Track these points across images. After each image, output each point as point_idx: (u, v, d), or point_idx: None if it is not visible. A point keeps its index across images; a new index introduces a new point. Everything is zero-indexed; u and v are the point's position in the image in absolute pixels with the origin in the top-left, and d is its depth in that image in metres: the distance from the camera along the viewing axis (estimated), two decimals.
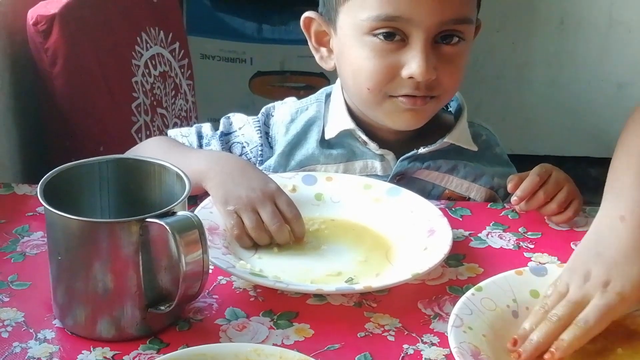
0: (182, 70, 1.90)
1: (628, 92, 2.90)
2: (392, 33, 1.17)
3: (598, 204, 1.15)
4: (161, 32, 1.81)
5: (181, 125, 1.84)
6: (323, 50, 1.28)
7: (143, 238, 0.94)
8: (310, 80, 2.61)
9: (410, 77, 1.17)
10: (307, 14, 1.27)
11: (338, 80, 1.30)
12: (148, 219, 0.93)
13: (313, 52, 1.30)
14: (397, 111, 1.21)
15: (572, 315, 0.95)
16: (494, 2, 2.73)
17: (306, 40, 1.30)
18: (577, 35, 2.87)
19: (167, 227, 0.92)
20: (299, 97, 1.36)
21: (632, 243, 1.00)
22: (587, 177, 2.81)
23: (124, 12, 1.70)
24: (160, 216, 0.94)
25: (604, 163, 2.99)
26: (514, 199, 1.20)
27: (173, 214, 0.95)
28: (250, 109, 2.61)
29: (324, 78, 2.53)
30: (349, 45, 1.22)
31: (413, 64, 1.17)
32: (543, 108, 2.96)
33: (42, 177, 0.99)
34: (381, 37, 1.18)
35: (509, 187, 1.21)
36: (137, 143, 1.59)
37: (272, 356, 0.89)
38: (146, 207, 1.01)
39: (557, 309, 0.96)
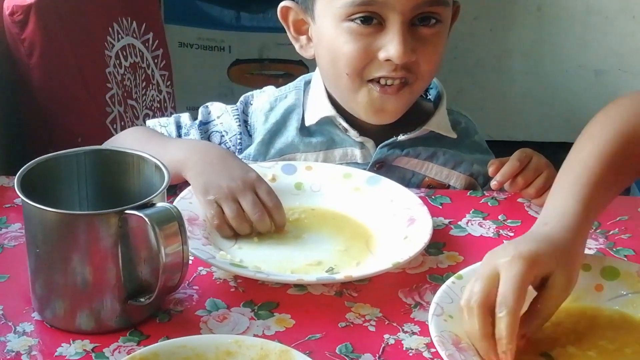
0: (156, 60, 1.88)
1: (605, 79, 2.91)
2: (369, 17, 1.17)
3: None
4: (134, 22, 1.79)
5: (153, 117, 1.83)
6: (302, 38, 1.28)
7: (122, 230, 0.93)
8: (289, 68, 2.61)
9: (388, 60, 1.17)
10: (284, 3, 1.27)
11: (317, 68, 1.29)
12: (127, 211, 0.93)
13: (292, 41, 1.29)
14: (371, 104, 1.21)
15: (487, 292, 0.90)
16: None
17: (285, 28, 1.29)
18: (554, 23, 2.87)
19: (146, 219, 0.92)
20: (278, 85, 1.35)
21: (540, 236, 0.95)
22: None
23: (97, 2, 1.69)
24: (139, 208, 0.93)
25: None
26: (493, 183, 1.21)
27: (152, 205, 0.94)
28: (229, 97, 2.61)
29: (302, 66, 2.52)
30: (327, 33, 1.22)
31: (390, 47, 1.17)
32: (521, 95, 2.97)
33: (20, 168, 0.98)
34: (358, 21, 1.18)
35: (490, 171, 1.22)
36: (112, 134, 1.58)
37: (253, 347, 0.88)
38: (125, 198, 1.00)
39: (468, 294, 0.91)
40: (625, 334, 0.97)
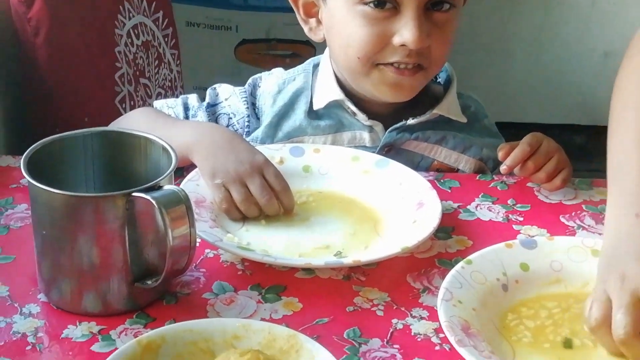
0: (166, 39, 1.87)
1: (614, 60, 2.86)
2: (383, 1, 1.16)
3: (583, 170, 1.13)
4: (144, 1, 1.78)
5: (165, 95, 1.82)
6: (312, 21, 1.26)
7: (129, 212, 0.92)
8: (297, 48, 2.59)
9: (403, 45, 1.16)
10: None
11: (326, 51, 1.28)
12: (134, 194, 0.92)
13: (302, 23, 1.28)
14: (385, 83, 1.20)
15: (636, 321, 0.88)
16: None
17: (292, 8, 1.28)
18: (563, 4, 2.85)
19: (154, 202, 0.91)
20: (285, 66, 1.34)
21: None
22: (572, 145, 2.82)
23: None
24: (147, 190, 0.92)
25: (589, 130, 3.00)
26: (503, 167, 1.20)
27: (159, 188, 0.93)
28: (236, 77, 2.59)
29: (310, 46, 2.51)
30: (339, 16, 1.20)
31: (405, 32, 1.15)
32: (529, 76, 2.95)
33: (26, 148, 0.97)
34: (372, 5, 1.16)
35: (500, 155, 1.21)
36: (121, 114, 1.58)
37: (260, 332, 0.88)
38: (132, 180, 1.00)
39: (619, 325, 0.89)
40: None
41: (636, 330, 0.88)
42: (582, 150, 2.87)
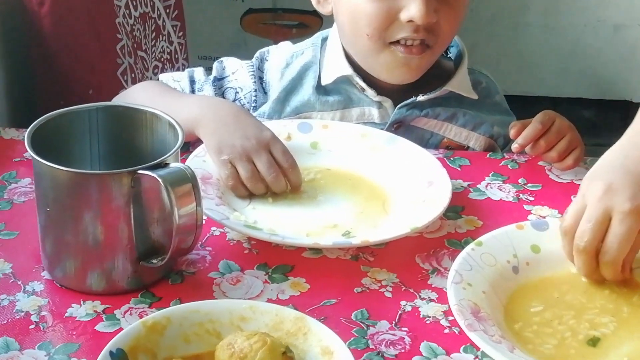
0: (167, 11, 1.84)
1: (624, 34, 2.86)
2: None
3: (592, 145, 1.11)
4: None
5: (162, 69, 1.80)
6: None
7: (135, 190, 0.91)
8: (303, 18, 2.57)
9: (410, 21, 1.14)
10: None
11: (335, 25, 1.26)
12: (140, 171, 0.90)
13: None
14: (394, 64, 1.18)
15: (597, 239, 0.93)
16: None
17: None
18: None
19: (160, 180, 0.89)
20: (292, 36, 1.33)
21: None
22: (581, 119, 2.80)
23: None
24: (153, 168, 0.91)
25: (598, 104, 2.97)
26: (514, 146, 1.18)
27: (165, 165, 0.92)
28: (242, 48, 2.57)
29: (317, 17, 2.48)
30: None
31: (412, 7, 1.13)
32: (538, 49, 2.92)
33: (31, 120, 0.96)
34: None
35: (511, 133, 1.19)
36: (123, 86, 1.56)
37: (267, 313, 0.86)
38: (138, 156, 0.98)
39: (581, 235, 0.93)
40: None
41: (594, 247, 0.93)
42: (590, 124, 2.85)
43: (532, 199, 1.14)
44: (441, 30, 1.17)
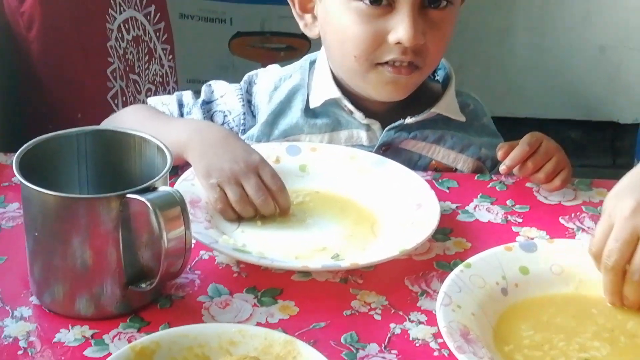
0: (158, 34, 1.85)
1: (610, 55, 2.88)
2: None
3: (579, 166, 1.10)
4: None
5: (155, 91, 1.80)
6: (307, 17, 1.25)
7: (123, 214, 0.91)
8: (292, 41, 2.57)
9: (398, 43, 1.15)
10: None
11: (323, 48, 1.27)
12: (128, 195, 0.90)
13: (297, 19, 1.26)
14: (382, 82, 1.19)
15: (624, 258, 0.93)
16: None
17: (287, 1, 1.26)
18: None
19: (148, 204, 0.89)
20: (280, 59, 1.33)
21: None
22: (567, 140, 2.81)
23: None
24: (141, 192, 0.91)
25: (585, 126, 2.99)
26: (502, 167, 1.19)
27: (154, 189, 0.92)
28: (230, 70, 2.58)
29: (305, 40, 2.48)
30: (334, 12, 1.19)
31: (400, 29, 1.14)
32: (524, 70, 2.93)
33: (18, 144, 0.96)
34: (367, 1, 1.15)
35: (499, 154, 1.19)
36: (113, 110, 1.56)
37: (256, 337, 0.86)
38: (126, 180, 0.98)
39: (608, 254, 0.93)
40: None
41: (622, 266, 0.93)
42: (576, 145, 2.87)
43: (520, 220, 1.14)
44: (429, 52, 1.17)
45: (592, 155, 2.85)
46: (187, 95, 1.29)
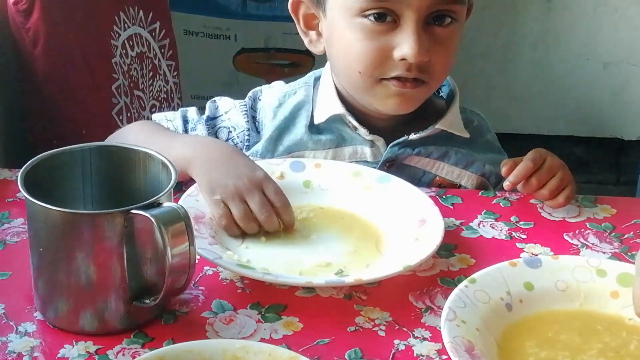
0: (162, 50, 1.86)
1: (614, 72, 2.88)
2: (383, 14, 1.15)
3: (584, 182, 1.10)
4: (141, 11, 1.77)
5: (160, 108, 1.81)
6: (312, 33, 1.25)
7: (127, 230, 0.91)
8: (296, 57, 2.58)
9: (403, 59, 1.15)
10: None
11: (327, 64, 1.27)
12: (133, 211, 0.90)
13: (302, 35, 1.27)
14: (388, 95, 1.19)
15: None
16: None
17: (291, 17, 1.27)
18: (563, 14, 2.84)
19: (153, 220, 0.89)
20: (284, 75, 1.33)
21: None
22: (571, 156, 2.82)
23: None
24: (146, 207, 0.91)
25: (589, 142, 2.99)
26: (506, 184, 1.19)
27: (159, 205, 0.92)
28: (234, 87, 2.58)
29: (309, 56, 2.49)
30: (338, 28, 1.19)
31: (405, 46, 1.14)
32: (528, 87, 2.94)
33: (23, 161, 0.96)
34: (372, 18, 1.15)
35: (503, 171, 1.19)
36: (118, 125, 1.56)
37: (260, 353, 0.86)
38: (131, 196, 0.98)
39: None
40: None
41: None
42: (581, 161, 2.87)
43: (524, 236, 1.14)
44: (434, 68, 1.18)
45: (597, 171, 2.85)
46: (191, 112, 1.29)
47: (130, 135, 1.21)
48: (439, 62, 1.18)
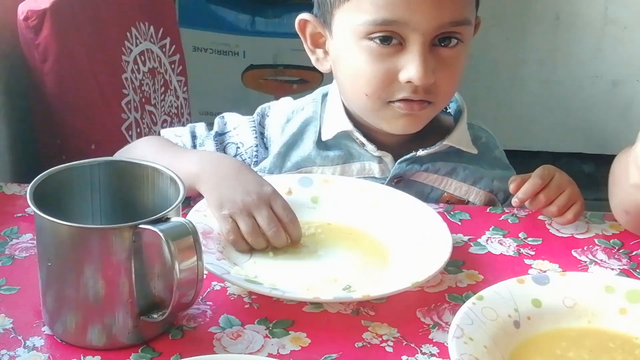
0: (173, 66, 1.86)
1: (622, 89, 2.89)
2: (389, 37, 1.15)
3: (592, 199, 1.11)
4: (151, 27, 1.77)
5: (171, 123, 1.81)
6: (319, 52, 1.26)
7: (136, 244, 0.91)
8: (304, 74, 2.59)
9: (409, 82, 1.15)
10: (302, 16, 1.24)
11: (335, 81, 1.27)
12: (141, 225, 0.91)
13: (309, 53, 1.27)
14: (395, 117, 1.19)
15: None
16: None
17: (301, 40, 1.27)
18: (571, 32, 2.85)
19: (161, 234, 0.90)
20: (292, 91, 1.34)
21: None
22: (580, 174, 2.81)
23: (114, 7, 1.67)
24: (154, 222, 0.91)
25: (597, 159, 2.99)
26: (514, 200, 1.19)
27: (167, 220, 0.92)
28: (243, 103, 2.60)
29: (317, 72, 2.47)
30: (345, 49, 1.20)
31: (411, 68, 1.14)
32: (537, 104, 2.94)
33: (32, 175, 0.96)
34: (377, 41, 1.15)
35: (511, 188, 1.19)
36: (127, 141, 1.57)
37: None
38: (139, 211, 0.99)
39: None
40: None
41: None
42: (589, 178, 2.86)
43: (532, 253, 1.14)
44: (440, 89, 1.18)
45: (605, 188, 2.84)
46: (200, 127, 1.29)
47: (138, 151, 1.21)
48: (445, 83, 1.18)
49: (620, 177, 1.10)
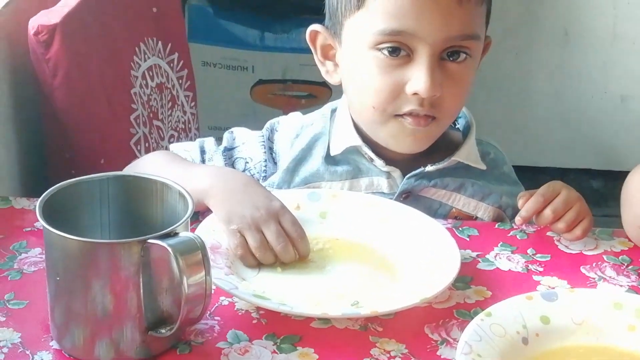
0: (180, 81, 1.87)
1: (631, 104, 2.88)
2: (397, 48, 1.16)
3: (601, 216, 1.11)
4: (159, 42, 1.78)
5: (178, 138, 1.82)
6: (329, 64, 1.26)
7: (144, 259, 0.91)
8: (313, 89, 2.59)
9: (415, 94, 1.15)
10: (313, 27, 1.25)
11: (344, 96, 1.28)
12: (149, 240, 0.91)
13: (319, 65, 1.27)
14: (401, 133, 1.19)
15: None
16: (498, 13, 2.69)
17: (309, 49, 1.28)
18: (580, 48, 2.85)
19: (170, 249, 0.90)
20: (302, 106, 1.34)
21: None
22: (589, 190, 2.81)
23: (124, 22, 1.68)
24: (162, 237, 0.91)
25: (606, 175, 2.98)
26: (517, 218, 1.19)
27: (175, 234, 0.92)
28: (251, 118, 2.60)
29: (326, 88, 2.51)
30: (353, 60, 1.20)
31: (418, 80, 1.15)
32: (545, 120, 2.94)
33: (42, 190, 0.97)
34: (385, 52, 1.16)
35: (519, 204, 1.19)
36: (136, 155, 1.57)
37: None
38: (148, 225, 0.99)
39: None
40: None
41: None
42: (599, 194, 2.86)
43: (541, 269, 1.14)
44: (445, 104, 1.18)
45: (614, 204, 2.83)
46: (209, 142, 1.30)
47: (147, 165, 1.22)
48: (451, 98, 1.18)
49: (636, 192, 1.10)
